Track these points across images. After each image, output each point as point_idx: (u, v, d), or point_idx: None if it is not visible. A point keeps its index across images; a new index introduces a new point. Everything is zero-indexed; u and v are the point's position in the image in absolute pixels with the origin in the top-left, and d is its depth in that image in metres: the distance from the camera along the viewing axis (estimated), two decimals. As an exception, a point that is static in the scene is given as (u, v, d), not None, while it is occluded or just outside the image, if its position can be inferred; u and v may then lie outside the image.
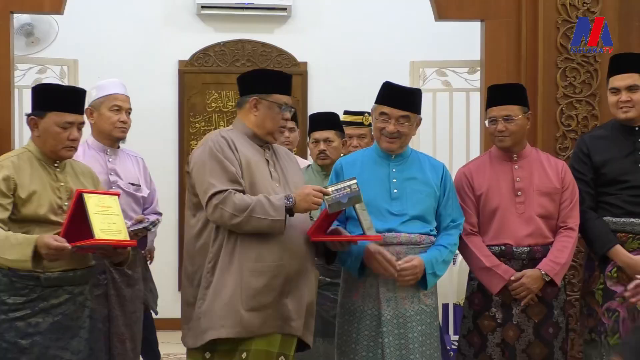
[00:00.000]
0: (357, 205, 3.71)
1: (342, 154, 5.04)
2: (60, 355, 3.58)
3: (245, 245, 3.64)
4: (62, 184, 3.69)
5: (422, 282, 3.92)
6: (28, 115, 3.72)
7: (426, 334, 3.93)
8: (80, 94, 3.77)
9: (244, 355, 3.63)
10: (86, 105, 4.38)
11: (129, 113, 4.53)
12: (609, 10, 5.23)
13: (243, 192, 3.64)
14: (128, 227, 4.19)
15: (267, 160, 3.82)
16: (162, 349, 6.83)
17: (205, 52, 8.11)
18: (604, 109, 4.93)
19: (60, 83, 5.96)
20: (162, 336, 6.40)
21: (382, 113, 3.98)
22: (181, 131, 8.12)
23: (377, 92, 4.06)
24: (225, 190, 3.59)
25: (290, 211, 3.60)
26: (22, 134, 6.31)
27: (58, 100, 3.68)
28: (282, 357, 3.68)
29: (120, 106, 4.45)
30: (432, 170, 4.06)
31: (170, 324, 6.18)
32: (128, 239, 3.62)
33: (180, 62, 8.09)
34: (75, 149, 3.75)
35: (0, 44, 5.30)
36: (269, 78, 3.85)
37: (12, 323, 3.55)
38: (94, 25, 7.92)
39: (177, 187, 8.09)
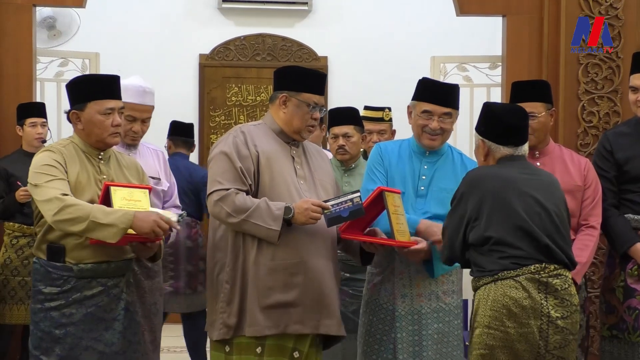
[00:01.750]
0: (391, 209, 3.70)
1: (361, 149, 5.03)
2: (93, 347, 3.61)
3: (264, 242, 3.65)
4: (105, 176, 3.71)
5: (430, 269, 3.90)
6: (68, 112, 3.75)
7: (443, 332, 3.91)
8: (115, 79, 3.78)
9: (258, 349, 3.65)
10: None
11: (145, 120, 4.42)
12: (632, 6, 5.20)
13: (247, 192, 3.65)
14: None
15: (293, 157, 3.82)
16: (183, 342, 6.87)
17: (225, 46, 8.13)
18: (625, 105, 4.90)
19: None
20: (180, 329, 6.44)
21: (425, 111, 3.95)
22: (201, 125, 8.14)
23: (415, 88, 4.02)
24: (228, 189, 3.62)
25: (288, 222, 3.61)
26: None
27: (95, 89, 3.71)
28: (297, 352, 3.69)
29: (134, 117, 4.32)
30: (462, 169, 4.03)
31: (189, 317, 6.21)
32: None
33: (201, 55, 8.12)
34: (120, 134, 3.78)
35: (22, 37, 5.34)
36: (300, 76, 3.81)
37: (47, 313, 3.60)
38: (115, 18, 7.95)
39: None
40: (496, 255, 3.44)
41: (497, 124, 3.60)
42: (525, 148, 3.63)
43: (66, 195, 3.52)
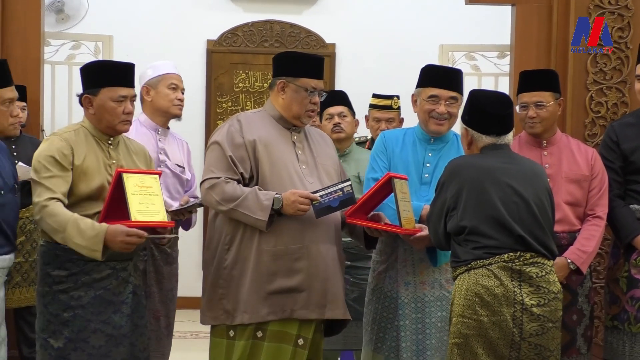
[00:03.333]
0: (399, 195, 3.70)
1: (369, 137, 5.03)
2: (101, 329, 3.63)
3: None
4: (114, 161, 3.73)
5: (433, 258, 3.91)
6: (81, 95, 3.76)
7: (446, 320, 3.91)
8: (130, 67, 3.80)
9: (259, 333, 3.68)
10: (141, 84, 4.50)
11: (183, 92, 4.60)
12: (642, -3, 5.19)
13: (239, 180, 3.68)
14: (181, 206, 4.26)
15: (294, 143, 3.82)
16: (186, 327, 6.91)
17: (233, 32, 8.12)
18: (634, 96, 4.89)
19: (95, 59, 6.02)
20: (186, 314, 6.46)
21: (432, 95, 3.96)
22: (208, 111, 8.13)
23: (419, 76, 4.04)
24: (218, 177, 3.66)
25: (278, 212, 3.63)
26: (54, 109, 6.37)
27: (110, 75, 3.72)
28: (301, 339, 3.70)
29: (177, 85, 4.52)
30: None
31: (194, 303, 6.22)
32: (166, 220, 3.64)
33: (209, 41, 8.10)
34: (130, 122, 3.80)
35: (30, 21, 5.33)
36: (297, 61, 3.83)
37: (56, 296, 3.62)
38: (123, 3, 7.94)
39: (203, 166, 8.11)
40: (470, 245, 3.47)
41: (480, 112, 3.60)
42: (509, 137, 3.63)
43: (52, 199, 3.52)
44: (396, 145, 4.05)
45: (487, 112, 3.59)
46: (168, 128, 4.58)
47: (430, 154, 4.02)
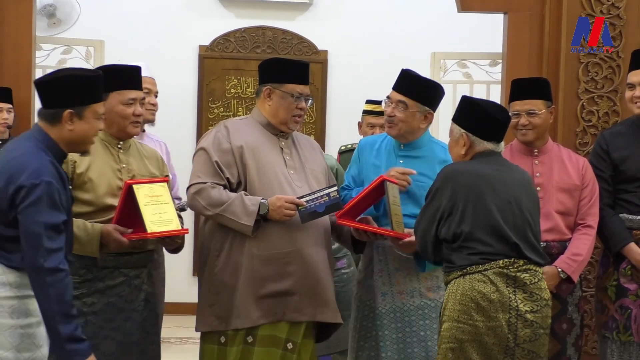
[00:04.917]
0: (391, 199, 3.69)
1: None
2: (112, 336, 3.61)
3: (256, 233, 3.67)
4: (124, 165, 3.71)
5: (421, 263, 3.88)
6: None
7: (430, 328, 3.90)
8: (137, 70, 3.79)
9: (249, 339, 3.69)
10: None
11: (157, 96, 4.56)
12: (634, 6, 5.19)
13: (225, 186, 3.69)
14: None
15: (282, 149, 3.83)
16: (177, 333, 6.88)
17: (225, 37, 8.11)
18: (625, 105, 4.89)
19: (86, 64, 6.01)
20: (177, 320, 6.45)
21: (387, 97, 3.97)
22: (200, 116, 8.12)
23: None
24: (204, 183, 3.67)
25: (265, 217, 3.64)
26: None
27: (118, 79, 3.70)
28: (290, 343, 3.71)
29: (149, 89, 4.48)
30: (443, 164, 3.97)
31: (185, 309, 6.22)
32: (180, 227, 3.64)
33: (201, 47, 8.09)
34: (140, 124, 3.79)
35: (22, 25, 5.32)
36: (282, 67, 3.85)
37: None
38: (116, 8, 7.93)
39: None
40: (466, 252, 3.48)
41: (485, 119, 3.62)
42: (502, 145, 3.67)
43: None
44: (370, 153, 4.04)
45: (493, 118, 3.61)
46: (144, 131, 4.55)
47: (401, 161, 3.99)
